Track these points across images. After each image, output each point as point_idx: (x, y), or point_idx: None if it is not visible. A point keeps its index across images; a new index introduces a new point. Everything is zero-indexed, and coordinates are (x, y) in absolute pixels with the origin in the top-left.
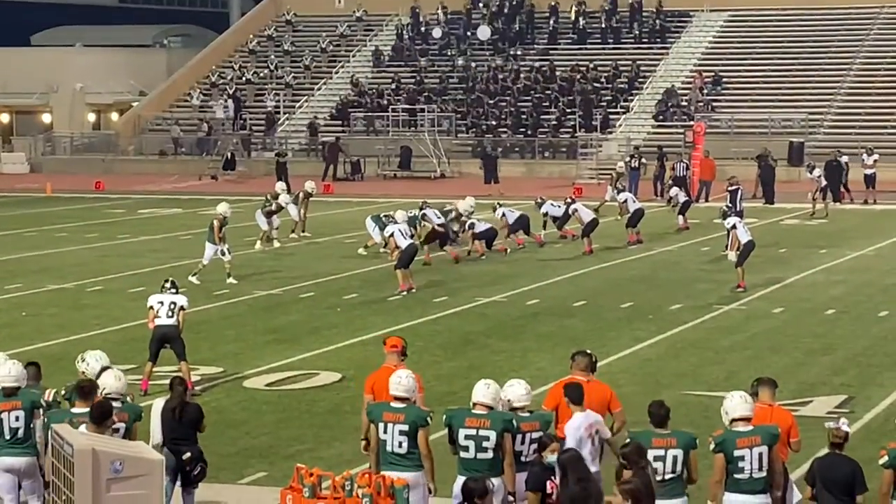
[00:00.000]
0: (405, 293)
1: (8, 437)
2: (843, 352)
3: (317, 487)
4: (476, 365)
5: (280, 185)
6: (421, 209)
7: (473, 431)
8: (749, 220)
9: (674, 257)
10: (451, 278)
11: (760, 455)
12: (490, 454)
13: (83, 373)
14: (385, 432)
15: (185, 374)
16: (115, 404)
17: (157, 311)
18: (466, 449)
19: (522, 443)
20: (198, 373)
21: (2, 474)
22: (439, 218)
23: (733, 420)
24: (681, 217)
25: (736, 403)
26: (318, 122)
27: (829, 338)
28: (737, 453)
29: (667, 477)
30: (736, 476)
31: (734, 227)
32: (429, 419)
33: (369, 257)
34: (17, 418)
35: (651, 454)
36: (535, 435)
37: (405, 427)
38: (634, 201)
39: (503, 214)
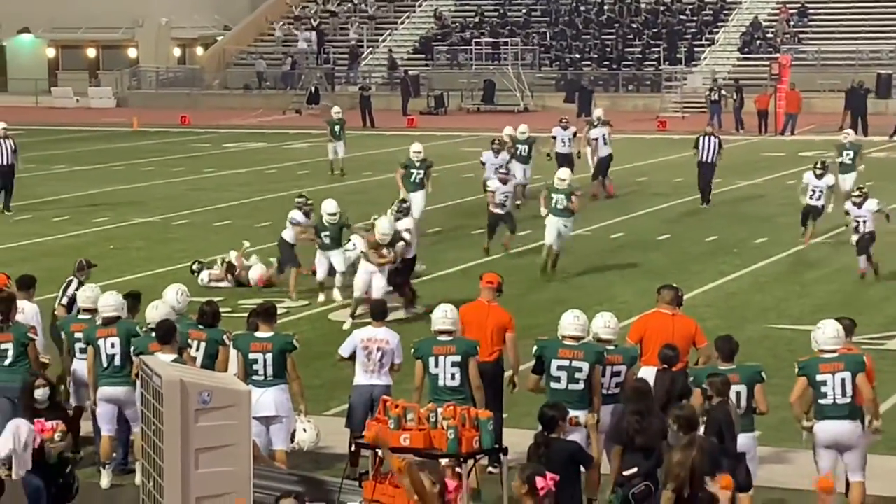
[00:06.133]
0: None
1: (105, 366)
2: None
3: (402, 419)
4: (560, 298)
5: (335, 109)
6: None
7: (567, 363)
8: (833, 152)
9: (758, 191)
10: (535, 212)
11: (843, 381)
12: (581, 385)
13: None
14: (436, 366)
15: None
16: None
17: None
18: (558, 380)
19: (603, 375)
20: (284, 305)
21: (102, 404)
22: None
23: (821, 350)
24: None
25: (827, 336)
26: (397, 55)
27: None
28: (819, 378)
29: None
30: (820, 402)
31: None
32: (477, 348)
33: (451, 190)
34: (112, 345)
35: None
36: (618, 368)
37: (457, 358)
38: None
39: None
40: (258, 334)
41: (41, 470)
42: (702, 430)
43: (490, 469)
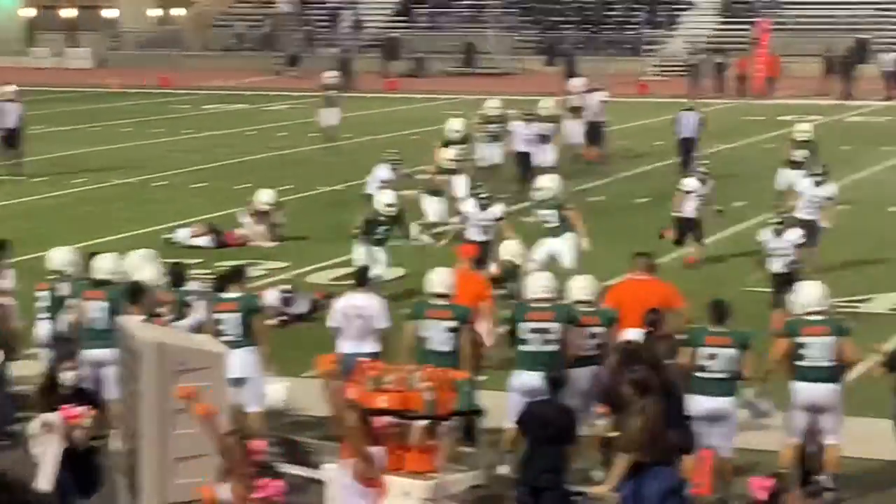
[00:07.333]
0: None
1: (88, 328)
2: None
3: (379, 381)
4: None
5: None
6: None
7: (537, 324)
8: (813, 116)
9: (737, 154)
10: (515, 175)
11: (826, 345)
12: (553, 347)
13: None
14: (429, 330)
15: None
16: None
17: None
18: (529, 342)
19: (580, 335)
20: (263, 267)
21: (86, 368)
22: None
23: (807, 312)
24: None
25: (812, 298)
26: (378, 18)
27: (893, 235)
28: (800, 339)
29: (717, 375)
30: (798, 363)
31: None
32: (471, 315)
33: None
34: (99, 308)
35: (704, 352)
36: (596, 330)
37: (452, 324)
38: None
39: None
40: (224, 295)
41: (69, 459)
42: None
43: (464, 449)
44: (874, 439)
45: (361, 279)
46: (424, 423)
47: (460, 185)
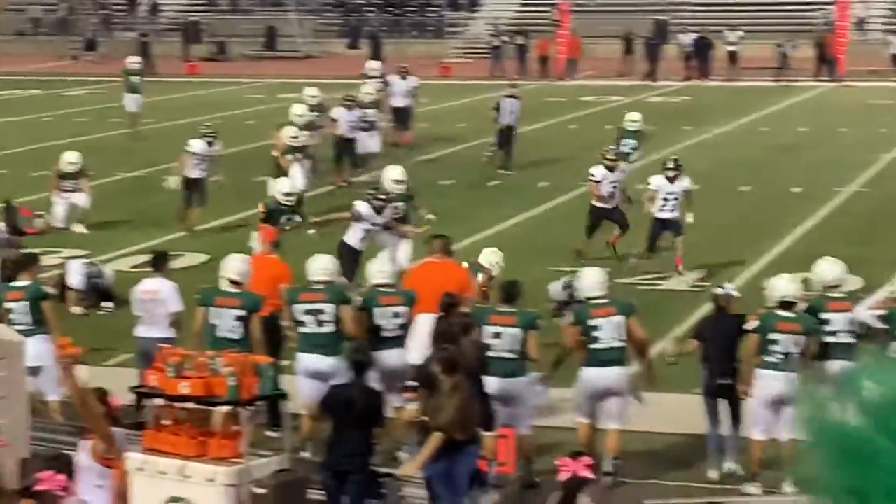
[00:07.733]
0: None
1: None
2: (704, 227)
3: (181, 367)
4: None
5: (132, 59)
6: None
7: (311, 306)
8: (614, 97)
9: (540, 136)
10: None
11: (617, 325)
12: (330, 328)
13: None
14: (218, 317)
15: None
16: None
17: None
18: (306, 324)
19: (383, 317)
20: (61, 255)
21: None
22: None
23: (588, 298)
24: None
25: (593, 283)
26: (160, 1)
27: (695, 212)
28: (591, 323)
29: (503, 355)
30: (591, 347)
31: None
32: (261, 304)
33: (234, 138)
34: None
35: (489, 331)
36: (398, 309)
37: (241, 312)
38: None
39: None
40: (14, 283)
41: None
42: None
43: (268, 433)
44: (681, 415)
45: (157, 263)
46: (228, 408)
47: (298, 172)
